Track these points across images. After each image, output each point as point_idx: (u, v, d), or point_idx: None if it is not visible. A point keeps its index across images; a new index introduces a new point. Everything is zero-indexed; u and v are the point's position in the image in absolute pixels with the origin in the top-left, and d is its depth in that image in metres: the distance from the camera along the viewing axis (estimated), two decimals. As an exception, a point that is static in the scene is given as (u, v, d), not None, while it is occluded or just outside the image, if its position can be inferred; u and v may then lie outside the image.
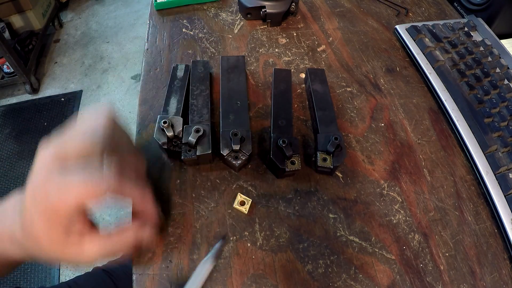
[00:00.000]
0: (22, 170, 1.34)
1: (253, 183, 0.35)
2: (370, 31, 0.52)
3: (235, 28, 0.51)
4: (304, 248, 0.31)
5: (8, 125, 1.50)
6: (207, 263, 0.27)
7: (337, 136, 0.34)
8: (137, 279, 0.29)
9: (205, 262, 0.27)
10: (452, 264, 0.31)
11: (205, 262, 0.27)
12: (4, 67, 1.50)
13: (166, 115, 0.36)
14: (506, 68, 0.45)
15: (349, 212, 0.34)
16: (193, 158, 0.34)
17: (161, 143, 0.34)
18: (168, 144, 0.34)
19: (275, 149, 0.34)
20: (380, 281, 0.30)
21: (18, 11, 1.62)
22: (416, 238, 0.32)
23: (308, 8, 0.55)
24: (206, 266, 0.27)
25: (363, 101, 0.43)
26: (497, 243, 0.33)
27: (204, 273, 0.26)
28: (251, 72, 0.45)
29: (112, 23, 2.00)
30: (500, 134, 0.38)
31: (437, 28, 0.49)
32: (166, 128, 0.34)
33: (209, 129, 0.35)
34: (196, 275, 0.26)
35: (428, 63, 0.45)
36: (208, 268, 0.26)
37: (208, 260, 0.27)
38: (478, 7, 0.55)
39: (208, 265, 0.27)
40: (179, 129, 0.35)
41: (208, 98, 0.39)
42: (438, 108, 0.43)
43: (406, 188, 0.36)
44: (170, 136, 0.34)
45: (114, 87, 1.65)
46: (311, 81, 0.41)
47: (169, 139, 0.34)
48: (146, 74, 0.45)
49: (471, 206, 0.35)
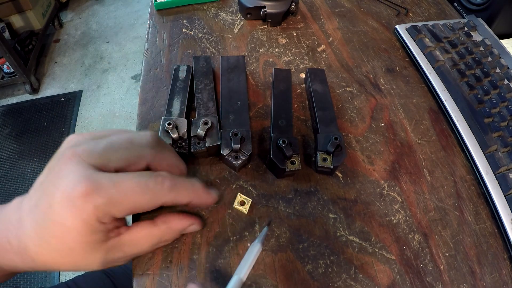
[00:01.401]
0: (22, 170, 1.34)
1: (253, 183, 0.35)
2: (370, 31, 0.52)
3: (235, 28, 0.51)
4: (304, 248, 0.31)
5: (8, 125, 1.50)
6: (256, 246, 0.27)
7: (337, 136, 0.34)
8: (137, 279, 0.29)
9: (254, 245, 0.28)
10: (452, 264, 0.31)
11: (254, 245, 0.28)
12: (4, 67, 1.50)
13: (170, 117, 0.36)
14: (506, 68, 0.45)
15: (349, 212, 0.34)
16: (203, 150, 0.34)
17: None
18: (173, 146, 0.34)
19: (275, 149, 0.34)
20: (380, 281, 0.30)
21: (18, 11, 1.63)
22: (416, 238, 0.32)
23: (308, 8, 0.55)
24: (255, 249, 0.27)
25: (363, 101, 0.43)
26: (497, 243, 0.33)
27: (253, 256, 0.27)
28: (251, 72, 0.45)
29: (112, 23, 2.00)
30: (500, 134, 0.38)
31: (437, 28, 0.49)
32: (171, 129, 0.34)
33: (217, 121, 0.36)
34: (246, 259, 0.27)
35: (428, 63, 0.45)
36: (258, 251, 0.27)
37: (256, 244, 0.28)
38: (478, 7, 0.55)
39: (257, 249, 0.27)
40: (184, 131, 0.35)
41: (212, 91, 0.39)
42: (438, 108, 0.43)
43: (406, 188, 0.36)
44: (175, 138, 0.34)
45: (114, 87, 1.65)
46: (311, 81, 0.41)
47: (174, 140, 0.34)
48: (146, 74, 0.45)
49: (471, 206, 0.35)
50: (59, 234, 0.22)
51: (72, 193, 0.21)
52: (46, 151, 1.40)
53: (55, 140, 1.43)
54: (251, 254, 0.27)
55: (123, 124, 1.48)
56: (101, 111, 1.55)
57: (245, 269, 0.26)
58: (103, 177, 0.22)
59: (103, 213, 0.21)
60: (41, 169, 1.13)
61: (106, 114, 1.53)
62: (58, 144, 0.26)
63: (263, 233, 0.29)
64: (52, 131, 1.47)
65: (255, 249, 0.27)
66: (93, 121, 1.51)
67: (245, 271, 0.26)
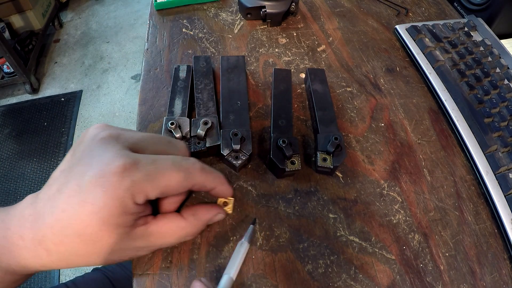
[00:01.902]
0: (22, 170, 1.34)
1: (253, 183, 0.35)
2: (370, 31, 0.52)
3: (235, 28, 0.51)
4: (304, 248, 0.31)
5: (8, 125, 1.50)
6: (243, 245, 0.28)
7: (337, 136, 0.34)
8: (137, 279, 0.29)
9: (241, 244, 0.29)
10: (452, 264, 0.31)
11: (241, 244, 0.29)
12: (4, 67, 1.50)
13: (172, 117, 0.36)
14: (506, 68, 0.45)
15: (349, 212, 0.34)
16: (203, 150, 0.34)
17: None
18: None
19: (275, 149, 0.34)
20: (380, 281, 0.30)
21: (18, 11, 1.63)
22: (416, 238, 0.32)
23: (308, 8, 0.55)
24: (243, 247, 0.28)
25: (363, 101, 0.43)
26: (497, 243, 0.33)
27: (241, 255, 0.28)
28: (251, 72, 0.45)
29: (112, 23, 2.00)
30: (500, 134, 0.38)
31: (437, 28, 0.49)
32: (174, 129, 0.34)
33: (217, 121, 0.36)
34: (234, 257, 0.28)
35: (428, 63, 0.45)
36: (245, 249, 0.28)
37: (243, 242, 0.29)
38: (478, 7, 0.55)
39: (245, 247, 0.28)
40: (187, 130, 0.35)
41: (212, 91, 0.39)
42: (438, 108, 0.43)
43: (406, 188, 0.36)
44: (178, 137, 0.34)
45: (114, 87, 1.65)
46: (311, 81, 0.41)
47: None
48: (146, 74, 0.45)
49: (471, 206, 0.35)
50: (86, 216, 0.21)
51: (109, 169, 0.20)
52: (46, 151, 1.40)
53: (55, 140, 1.43)
54: (239, 253, 0.28)
55: (123, 124, 1.48)
56: (101, 111, 1.55)
57: (234, 267, 0.27)
58: (140, 156, 0.22)
59: (140, 189, 0.21)
60: (41, 169, 1.13)
61: (106, 114, 1.54)
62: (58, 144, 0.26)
63: (249, 231, 0.30)
64: (52, 131, 1.47)
65: (243, 247, 0.28)
66: (93, 121, 1.51)
67: (235, 269, 0.27)
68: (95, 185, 0.20)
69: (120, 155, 0.21)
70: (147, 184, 0.21)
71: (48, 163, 1.35)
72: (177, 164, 0.23)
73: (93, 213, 0.21)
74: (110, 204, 0.20)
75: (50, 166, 1.34)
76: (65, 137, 1.44)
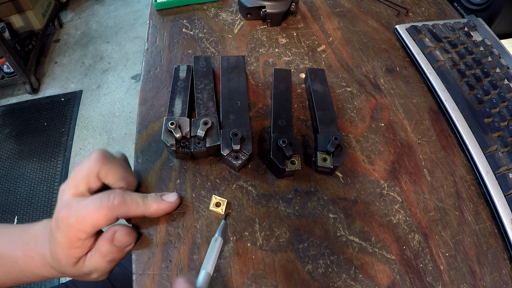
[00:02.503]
0: (22, 170, 1.34)
1: (253, 183, 0.35)
2: (370, 31, 0.52)
3: (235, 28, 0.51)
4: (304, 248, 0.31)
5: (8, 125, 1.50)
6: (217, 240, 0.29)
7: (337, 136, 0.34)
8: (137, 279, 0.29)
9: (215, 239, 0.30)
10: (452, 264, 0.31)
11: (215, 239, 0.30)
12: (4, 67, 1.50)
13: (172, 117, 0.36)
14: (506, 68, 0.45)
15: (349, 212, 0.34)
16: (203, 150, 0.34)
17: (169, 144, 0.34)
18: (177, 145, 0.34)
19: (275, 149, 0.34)
20: (380, 281, 0.30)
21: (18, 11, 1.62)
22: (416, 238, 0.32)
23: (308, 8, 0.55)
24: (217, 243, 0.29)
25: (363, 101, 0.43)
26: (497, 243, 0.33)
27: (216, 250, 0.29)
28: (251, 72, 0.45)
29: (112, 23, 2.00)
30: (500, 134, 0.38)
31: (437, 28, 0.49)
32: (174, 129, 0.34)
33: (216, 121, 0.36)
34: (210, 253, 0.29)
35: (428, 63, 0.45)
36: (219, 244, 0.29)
37: (217, 238, 0.30)
38: (478, 7, 0.55)
39: (219, 242, 0.29)
40: (187, 130, 0.35)
41: (212, 92, 0.39)
42: (438, 108, 0.43)
43: (406, 188, 0.36)
44: (178, 137, 0.34)
45: (114, 87, 1.65)
46: (311, 81, 0.41)
47: (177, 140, 0.34)
48: (146, 74, 0.45)
49: (471, 206, 0.35)
50: (57, 249, 0.28)
51: (58, 217, 0.28)
52: (46, 151, 1.40)
53: (55, 140, 1.43)
54: (214, 248, 0.29)
55: (123, 124, 1.48)
56: (101, 111, 1.55)
57: (210, 263, 0.28)
58: (74, 202, 0.28)
59: (77, 229, 0.27)
60: (41, 169, 1.13)
61: (106, 114, 1.53)
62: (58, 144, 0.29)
63: (221, 226, 0.31)
64: (52, 131, 1.47)
65: (217, 243, 0.29)
66: (93, 121, 1.51)
67: (211, 264, 0.28)
68: (56, 228, 0.28)
69: (62, 206, 0.28)
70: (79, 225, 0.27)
71: (48, 163, 1.35)
72: (97, 203, 0.27)
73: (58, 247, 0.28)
74: (63, 241, 0.28)
75: (50, 166, 1.34)
76: (65, 137, 1.44)
